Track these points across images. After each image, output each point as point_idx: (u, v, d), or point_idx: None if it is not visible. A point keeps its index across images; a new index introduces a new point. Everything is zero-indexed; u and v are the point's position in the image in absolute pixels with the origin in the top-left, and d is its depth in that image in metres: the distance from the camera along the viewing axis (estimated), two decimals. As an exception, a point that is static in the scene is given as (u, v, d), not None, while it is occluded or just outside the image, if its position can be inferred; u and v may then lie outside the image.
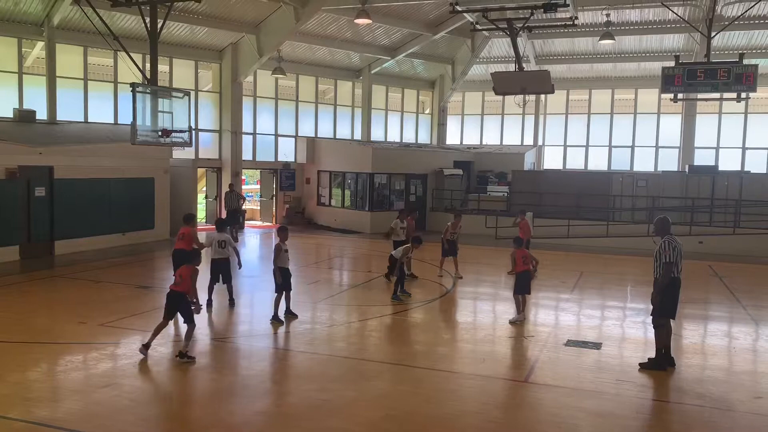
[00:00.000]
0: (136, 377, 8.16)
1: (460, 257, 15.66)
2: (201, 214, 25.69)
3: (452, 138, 32.19)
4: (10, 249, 16.17)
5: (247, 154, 25.60)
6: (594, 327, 11.46)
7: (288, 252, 11.12)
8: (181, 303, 8.85)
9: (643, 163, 28.53)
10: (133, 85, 15.27)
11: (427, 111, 32.46)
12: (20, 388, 7.68)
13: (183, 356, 8.71)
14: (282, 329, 10.72)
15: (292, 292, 11.22)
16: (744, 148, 27.23)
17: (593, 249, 20.67)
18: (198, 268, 9.17)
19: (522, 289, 11.44)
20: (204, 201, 26.50)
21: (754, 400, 7.84)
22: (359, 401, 7.54)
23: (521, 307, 11.48)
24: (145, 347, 8.84)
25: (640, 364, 8.86)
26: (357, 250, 20.62)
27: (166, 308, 8.98)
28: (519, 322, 11.24)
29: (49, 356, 8.96)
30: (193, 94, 20.50)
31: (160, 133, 15.80)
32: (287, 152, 27.22)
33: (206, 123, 24.64)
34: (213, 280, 11.94)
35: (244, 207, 23.88)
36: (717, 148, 27.55)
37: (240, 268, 12.07)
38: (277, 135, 26.92)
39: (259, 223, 27.17)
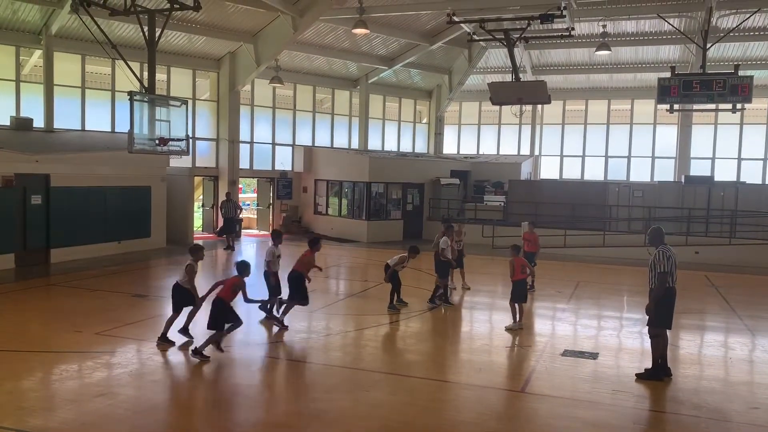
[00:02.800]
0: (131, 386, 8.11)
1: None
2: (198, 222, 25.65)
3: (449, 147, 32.26)
4: (6, 257, 16.11)
5: (244, 163, 25.62)
6: (590, 337, 11.45)
7: (279, 257, 11.61)
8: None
9: (640, 174, 28.60)
10: (130, 93, 15.28)
11: (424, 120, 32.54)
12: (14, 397, 7.64)
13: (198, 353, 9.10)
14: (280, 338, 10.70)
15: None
16: (740, 159, 27.33)
17: (589, 259, 20.69)
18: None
19: (518, 298, 11.50)
20: (200, 210, 26.47)
21: (750, 410, 7.83)
22: (355, 411, 7.51)
23: (518, 315, 11.53)
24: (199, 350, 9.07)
25: (636, 375, 8.85)
26: (354, 259, 20.60)
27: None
28: (515, 330, 11.29)
29: (43, 365, 8.92)
30: (190, 102, 20.53)
31: (157, 141, 15.79)
32: (284, 161, 27.24)
33: (203, 131, 24.65)
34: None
35: (240, 216, 23.84)
36: (713, 159, 27.66)
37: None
38: (274, 144, 26.95)
39: (255, 231, 27.15)
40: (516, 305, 11.52)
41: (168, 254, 19.75)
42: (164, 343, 9.76)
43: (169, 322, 9.94)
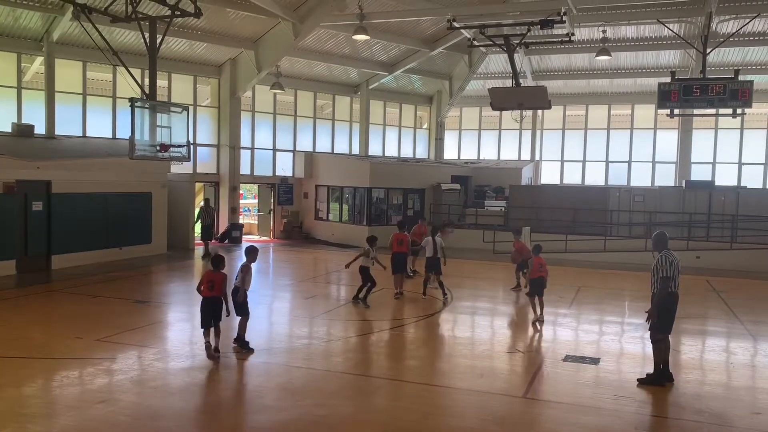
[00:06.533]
0: (132, 393, 8.10)
1: (456, 271, 15.64)
2: (198, 228, 25.59)
3: (450, 153, 32.28)
4: (7, 263, 16.10)
5: (245, 169, 25.65)
6: (592, 342, 11.44)
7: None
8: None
9: (640, 178, 28.62)
10: (131, 99, 15.34)
11: (425, 126, 32.58)
12: (15, 404, 7.63)
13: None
14: (281, 344, 10.69)
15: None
16: (740, 164, 27.34)
17: (591, 264, 20.67)
18: (226, 272, 9.62)
19: (534, 291, 12.26)
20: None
21: (752, 415, 7.81)
22: (356, 417, 7.50)
23: (538, 309, 12.24)
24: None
25: (638, 380, 8.83)
26: (355, 264, 20.53)
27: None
28: (539, 322, 12.06)
29: (44, 371, 8.90)
30: (191, 108, 20.59)
31: (158, 147, 15.84)
32: (285, 167, 27.27)
33: (204, 137, 24.69)
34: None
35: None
36: (713, 163, 27.66)
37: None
38: (275, 149, 26.99)
39: (256, 237, 27.14)
40: (535, 299, 12.25)
41: (169, 260, 19.75)
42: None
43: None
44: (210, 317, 9.40)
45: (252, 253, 10.12)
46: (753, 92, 18.11)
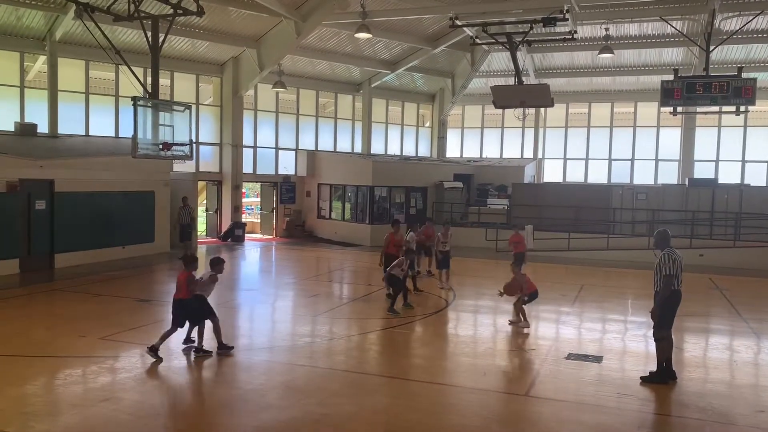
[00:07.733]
0: (135, 391, 8.11)
1: (459, 270, 15.68)
2: (201, 227, 25.70)
3: (452, 151, 32.27)
4: (10, 262, 16.14)
5: (247, 167, 25.67)
6: (595, 340, 11.41)
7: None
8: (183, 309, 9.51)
9: (643, 176, 28.57)
10: (134, 98, 15.35)
11: (427, 124, 32.57)
12: (18, 402, 7.64)
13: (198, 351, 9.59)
14: (283, 342, 10.70)
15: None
16: (743, 161, 27.27)
17: (593, 262, 20.65)
18: (194, 274, 9.60)
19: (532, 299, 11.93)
20: (204, 214, 26.50)
21: (756, 413, 7.79)
22: (359, 415, 7.50)
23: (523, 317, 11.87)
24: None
25: (641, 378, 8.82)
26: (357, 263, 20.58)
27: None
28: (521, 327, 11.72)
29: (47, 370, 8.93)
30: (194, 107, 20.61)
31: (160, 146, 15.85)
32: (288, 165, 27.28)
33: (207, 136, 24.72)
34: None
35: (192, 223, 21.90)
36: (717, 161, 27.59)
37: None
38: (277, 148, 27.00)
39: (259, 236, 27.17)
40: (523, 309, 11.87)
41: (171, 259, 19.76)
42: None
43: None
44: (178, 319, 9.54)
45: (219, 263, 9.85)
46: (756, 90, 18.10)
